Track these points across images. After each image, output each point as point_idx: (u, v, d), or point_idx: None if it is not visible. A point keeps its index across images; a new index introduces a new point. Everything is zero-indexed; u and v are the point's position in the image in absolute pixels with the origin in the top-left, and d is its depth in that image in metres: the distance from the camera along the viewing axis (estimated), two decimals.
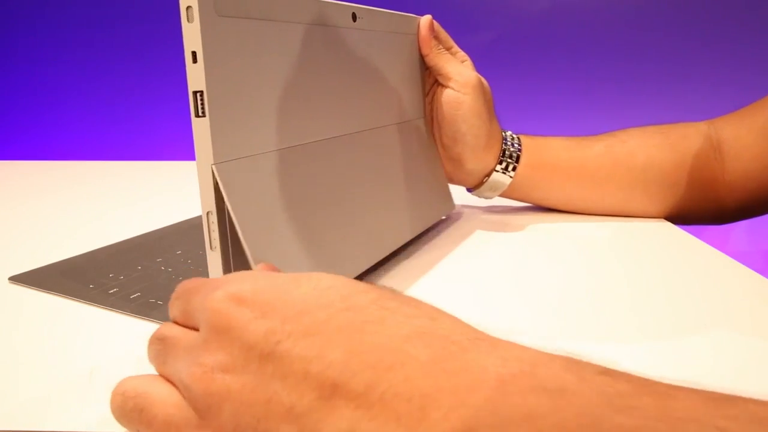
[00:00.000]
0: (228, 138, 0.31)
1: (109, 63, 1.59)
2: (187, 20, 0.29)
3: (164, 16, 1.46)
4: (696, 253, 0.48)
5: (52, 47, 1.61)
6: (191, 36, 0.29)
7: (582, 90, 1.42)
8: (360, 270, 0.39)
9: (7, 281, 0.42)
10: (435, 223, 0.56)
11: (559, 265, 0.46)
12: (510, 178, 0.55)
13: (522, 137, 0.57)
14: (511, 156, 0.55)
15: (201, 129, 0.30)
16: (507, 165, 0.55)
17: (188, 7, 0.29)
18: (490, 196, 0.58)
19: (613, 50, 1.40)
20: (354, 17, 0.43)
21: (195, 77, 0.29)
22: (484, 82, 0.54)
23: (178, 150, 1.46)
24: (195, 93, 0.30)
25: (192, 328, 0.22)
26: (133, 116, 1.61)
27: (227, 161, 0.31)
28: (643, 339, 0.33)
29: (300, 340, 0.18)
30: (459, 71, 0.52)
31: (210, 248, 0.31)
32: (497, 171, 0.55)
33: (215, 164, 0.30)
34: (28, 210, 0.67)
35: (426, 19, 0.53)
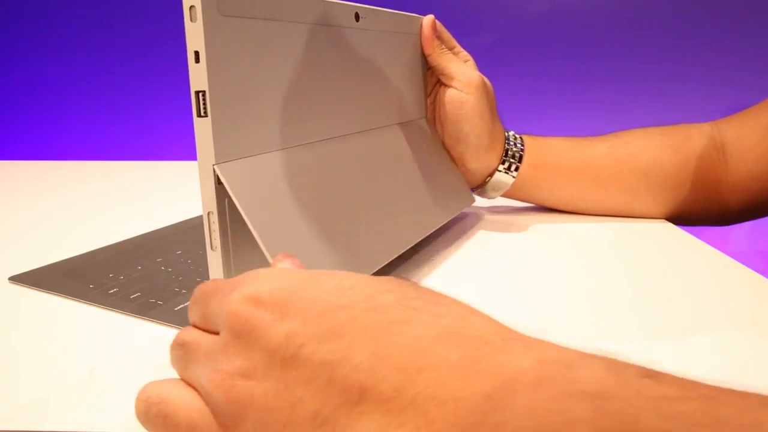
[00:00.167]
0: (230, 138, 0.31)
1: (109, 63, 1.59)
2: (190, 20, 0.29)
3: (165, 16, 1.45)
4: (696, 254, 0.48)
5: (52, 47, 1.60)
6: (194, 36, 0.29)
7: (582, 90, 1.42)
8: (379, 265, 0.39)
9: (7, 281, 0.42)
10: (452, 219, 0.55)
11: (561, 265, 0.45)
12: (513, 178, 0.55)
13: (525, 137, 0.56)
14: (514, 156, 0.55)
15: (203, 129, 0.30)
16: (510, 165, 0.55)
17: (191, 7, 0.28)
18: (493, 196, 0.58)
19: (613, 50, 1.40)
20: (357, 17, 0.43)
21: (197, 77, 0.29)
22: (487, 82, 0.54)
23: (179, 150, 1.46)
24: (197, 93, 0.29)
25: (212, 332, 0.22)
26: (133, 116, 1.61)
27: (229, 161, 0.31)
28: (644, 339, 0.33)
29: (323, 343, 0.18)
30: (462, 71, 0.52)
31: (211, 248, 0.31)
32: (500, 171, 0.55)
33: (217, 164, 0.30)
34: (28, 210, 0.66)
35: (428, 19, 0.53)
